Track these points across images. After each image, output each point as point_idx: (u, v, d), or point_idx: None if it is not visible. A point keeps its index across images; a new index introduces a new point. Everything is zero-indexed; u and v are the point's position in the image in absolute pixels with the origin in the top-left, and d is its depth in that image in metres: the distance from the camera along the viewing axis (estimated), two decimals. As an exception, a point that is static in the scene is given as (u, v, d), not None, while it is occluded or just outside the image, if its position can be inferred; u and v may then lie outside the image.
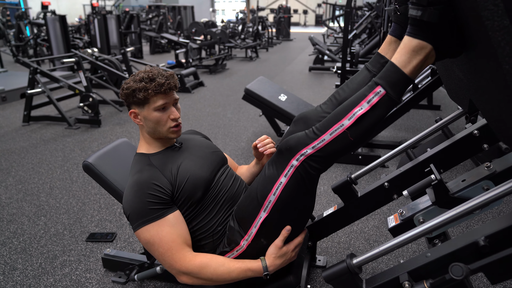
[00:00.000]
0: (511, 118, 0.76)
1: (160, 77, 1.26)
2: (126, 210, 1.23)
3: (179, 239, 1.20)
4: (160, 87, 1.24)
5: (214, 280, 1.21)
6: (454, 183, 1.24)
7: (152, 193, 1.21)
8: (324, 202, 2.50)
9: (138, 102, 1.29)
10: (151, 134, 1.35)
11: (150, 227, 1.18)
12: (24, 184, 2.80)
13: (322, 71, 7.85)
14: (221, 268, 1.20)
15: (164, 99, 1.28)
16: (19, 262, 1.90)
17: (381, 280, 1.06)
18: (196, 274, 1.19)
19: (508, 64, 0.68)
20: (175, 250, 1.18)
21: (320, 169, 1.14)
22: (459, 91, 1.31)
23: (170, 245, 1.18)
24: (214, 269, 1.19)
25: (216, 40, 8.99)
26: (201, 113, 4.78)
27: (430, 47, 0.94)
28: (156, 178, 1.25)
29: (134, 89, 1.26)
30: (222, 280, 1.21)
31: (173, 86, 1.28)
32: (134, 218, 1.20)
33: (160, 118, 1.29)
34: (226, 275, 1.20)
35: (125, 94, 1.29)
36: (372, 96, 1.03)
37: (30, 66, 4.22)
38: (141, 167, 1.30)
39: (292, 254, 1.28)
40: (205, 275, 1.19)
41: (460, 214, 0.97)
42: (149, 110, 1.28)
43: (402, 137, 3.69)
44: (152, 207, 1.19)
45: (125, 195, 1.26)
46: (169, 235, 1.19)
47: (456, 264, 0.87)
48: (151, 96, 1.26)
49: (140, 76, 1.28)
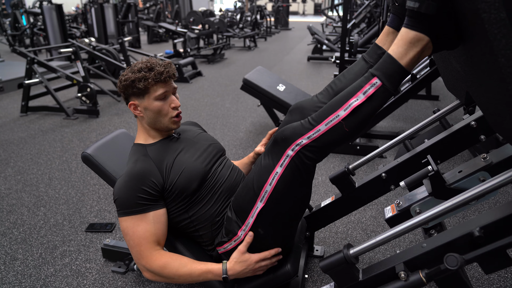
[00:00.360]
0: (506, 111, 0.76)
1: (158, 66, 1.28)
2: (114, 195, 1.26)
3: (151, 238, 1.22)
4: (160, 76, 1.26)
5: (176, 280, 1.23)
6: (451, 174, 1.25)
7: (143, 187, 1.22)
8: (322, 192, 2.52)
9: (137, 93, 1.29)
10: (152, 124, 1.35)
11: (129, 218, 1.21)
12: (23, 175, 2.81)
13: (320, 60, 7.82)
14: (183, 269, 1.22)
15: (164, 88, 1.29)
16: (20, 252, 1.92)
17: (378, 270, 1.07)
18: (158, 272, 1.22)
19: (504, 57, 0.68)
20: (144, 247, 1.21)
21: (315, 159, 1.14)
22: (456, 82, 1.32)
23: (141, 241, 1.21)
24: (176, 270, 1.21)
25: (214, 29, 8.92)
26: (199, 103, 4.77)
27: (427, 39, 0.94)
28: (148, 171, 1.26)
29: (134, 79, 1.26)
30: (183, 280, 1.23)
31: (171, 74, 1.30)
32: (119, 206, 1.24)
33: (161, 107, 1.30)
34: (187, 276, 1.22)
35: (123, 85, 1.30)
36: (368, 87, 1.03)
37: (27, 56, 4.19)
38: (137, 157, 1.31)
39: (255, 265, 1.26)
40: (167, 275, 1.22)
41: (456, 205, 0.98)
42: (149, 100, 1.29)
43: (400, 127, 3.70)
44: (137, 201, 1.21)
45: (118, 181, 1.28)
46: (143, 232, 1.21)
47: (451, 254, 0.88)
48: (151, 85, 1.27)
49: (138, 67, 1.28)
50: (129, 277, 1.74)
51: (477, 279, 1.66)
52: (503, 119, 0.82)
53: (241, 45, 10.51)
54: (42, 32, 8.68)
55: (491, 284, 1.64)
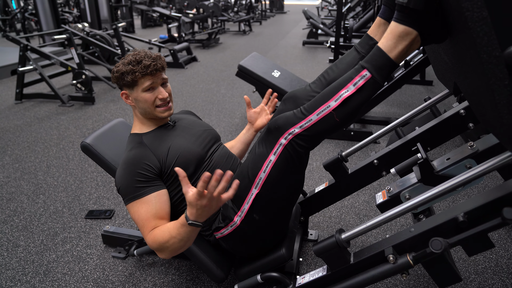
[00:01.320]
0: (488, 103, 0.80)
1: (146, 59, 1.32)
2: (116, 186, 1.32)
3: (152, 219, 1.25)
4: (146, 69, 1.30)
5: (171, 248, 1.19)
6: (439, 161, 1.29)
7: (139, 171, 1.27)
8: (316, 177, 2.57)
9: (127, 84, 1.35)
10: (143, 114, 1.41)
11: (133, 204, 1.26)
12: (21, 163, 2.83)
13: (316, 45, 7.79)
14: (166, 234, 1.18)
15: (151, 80, 1.33)
16: (21, 239, 1.96)
17: (368, 253, 1.12)
18: (155, 247, 1.22)
19: (486, 53, 0.71)
20: (146, 228, 1.24)
21: (308, 147, 1.19)
22: (445, 73, 1.35)
23: (144, 223, 1.25)
24: (162, 238, 1.19)
25: (209, 13, 8.82)
26: (194, 89, 4.77)
27: (415, 33, 0.97)
28: (144, 156, 1.31)
29: (123, 72, 1.32)
30: (174, 244, 1.18)
31: (159, 67, 1.34)
32: (122, 194, 1.29)
33: (149, 98, 1.35)
34: (172, 238, 1.17)
35: (115, 77, 1.36)
36: (358, 79, 1.07)
37: (20, 43, 4.16)
38: (132, 146, 1.37)
39: (201, 202, 1.06)
40: (160, 245, 1.20)
41: (444, 191, 1.04)
42: (138, 91, 1.35)
43: (394, 112, 3.74)
44: (137, 185, 1.26)
45: (117, 171, 1.34)
46: (144, 214, 1.25)
47: (436, 238, 0.94)
48: (139, 78, 1.32)
49: (128, 59, 1.33)
50: (129, 262, 1.80)
51: (464, 260, 1.74)
52: (486, 110, 0.86)
53: (236, 29, 10.42)
54: (33, 17, 8.54)
55: (476, 264, 1.71)
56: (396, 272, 1.06)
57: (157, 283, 1.67)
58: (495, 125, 0.85)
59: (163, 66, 1.36)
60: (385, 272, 1.07)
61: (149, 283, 1.67)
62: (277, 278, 1.36)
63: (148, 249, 1.72)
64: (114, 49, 5.36)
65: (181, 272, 1.73)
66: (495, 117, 0.80)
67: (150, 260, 1.81)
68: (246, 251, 1.43)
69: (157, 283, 1.67)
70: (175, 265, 1.78)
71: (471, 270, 1.68)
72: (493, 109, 0.79)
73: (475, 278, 1.64)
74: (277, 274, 1.36)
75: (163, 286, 1.65)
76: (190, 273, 1.73)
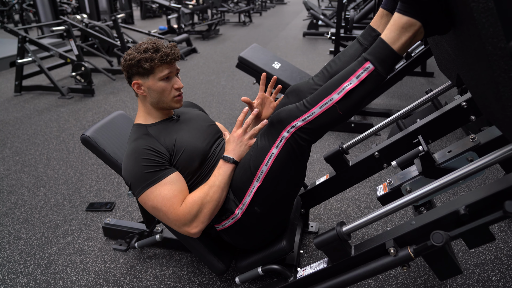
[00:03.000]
0: (492, 96, 0.79)
1: (165, 48, 1.31)
2: (127, 179, 1.28)
3: (181, 195, 1.24)
4: (166, 57, 1.29)
5: (212, 200, 1.25)
6: (441, 154, 1.29)
7: (149, 157, 1.25)
8: (317, 169, 2.57)
9: (142, 73, 1.32)
10: (155, 104, 1.38)
11: (152, 189, 1.23)
12: (21, 156, 2.83)
13: (316, 36, 7.74)
14: (204, 187, 1.25)
15: (169, 69, 1.32)
16: (23, 232, 1.97)
17: (369, 246, 1.13)
18: (193, 212, 1.22)
19: (491, 45, 0.71)
20: (176, 204, 1.22)
21: (310, 140, 1.18)
22: (448, 64, 1.34)
23: (172, 201, 1.22)
24: (198, 195, 1.24)
25: (209, 4, 8.75)
26: (194, 80, 4.75)
27: (419, 24, 0.96)
28: (153, 144, 1.30)
29: (139, 59, 1.28)
30: (215, 193, 1.26)
31: (177, 56, 1.34)
32: (136, 185, 1.25)
33: (165, 88, 1.33)
34: (211, 188, 1.25)
35: (128, 65, 1.32)
36: (361, 72, 1.05)
37: (18, 34, 4.13)
38: (138, 136, 1.35)
39: (243, 138, 1.32)
40: (203, 202, 1.23)
41: (445, 184, 1.03)
42: (154, 80, 1.32)
43: (395, 104, 3.73)
44: (150, 171, 1.23)
45: (124, 164, 1.31)
46: (171, 192, 1.23)
47: (437, 231, 0.94)
48: (157, 66, 1.30)
49: (144, 47, 1.30)
50: (131, 254, 1.80)
51: (463, 252, 1.74)
52: (490, 102, 0.85)
53: (236, 20, 10.34)
54: (31, 8, 8.47)
55: (476, 256, 1.72)
56: (397, 265, 1.06)
57: (158, 275, 1.67)
58: (498, 118, 0.84)
59: (179, 55, 1.36)
60: (386, 264, 1.08)
61: (150, 275, 1.67)
62: (278, 270, 1.36)
63: (149, 241, 1.73)
64: (114, 40, 5.32)
65: (182, 264, 1.74)
66: (499, 109, 0.79)
67: (151, 253, 1.82)
68: (247, 244, 1.43)
69: (158, 275, 1.67)
70: (176, 257, 1.78)
71: (470, 262, 1.69)
72: (497, 102, 0.78)
73: (475, 269, 1.64)
74: (278, 267, 1.37)
75: (164, 278, 1.66)
76: (191, 265, 1.73)
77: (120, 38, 5.16)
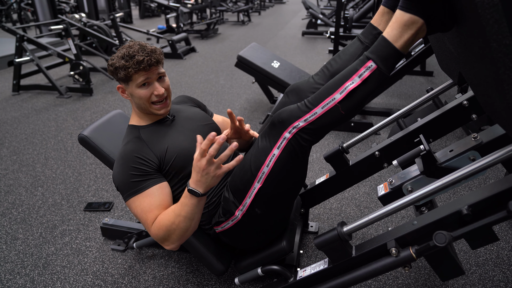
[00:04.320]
0: (496, 94, 0.78)
1: (140, 54, 1.23)
2: (115, 182, 1.29)
3: (156, 210, 1.22)
4: (139, 65, 1.23)
5: (177, 230, 1.18)
6: (442, 153, 1.27)
7: (136, 166, 1.24)
8: (316, 169, 2.55)
9: (122, 79, 1.29)
10: (139, 110, 1.36)
11: (133, 200, 1.23)
12: (19, 155, 2.81)
13: (315, 35, 7.72)
14: (170, 215, 1.17)
15: (146, 75, 1.26)
16: (20, 232, 1.95)
17: (370, 246, 1.11)
18: (160, 235, 1.19)
19: (496, 42, 0.69)
20: (150, 220, 1.21)
21: (312, 141, 1.17)
22: (449, 62, 1.33)
23: (147, 215, 1.21)
24: (166, 219, 1.18)
25: (208, 3, 8.73)
26: (193, 80, 4.73)
27: (421, 21, 0.95)
28: (141, 151, 1.27)
29: (116, 67, 1.26)
30: (180, 224, 1.16)
31: (154, 62, 1.25)
32: (122, 190, 1.26)
33: (144, 95, 1.28)
34: (175, 216, 1.16)
35: (110, 71, 1.30)
36: (363, 71, 1.04)
37: (16, 33, 4.10)
38: (129, 139, 1.33)
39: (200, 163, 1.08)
40: (165, 231, 1.18)
41: (447, 184, 1.02)
42: (132, 87, 1.29)
43: (395, 103, 3.72)
44: (136, 180, 1.23)
45: (114, 167, 1.31)
46: (148, 206, 1.22)
47: (439, 232, 0.92)
48: (132, 74, 1.25)
49: (122, 53, 1.26)
50: (129, 254, 1.79)
51: (465, 252, 1.73)
52: (493, 101, 0.84)
53: (235, 19, 10.32)
54: (29, 7, 8.44)
55: (478, 256, 1.71)
56: (399, 265, 1.05)
57: (156, 275, 1.66)
58: (502, 116, 0.83)
59: (158, 60, 1.27)
60: (387, 265, 1.06)
61: (149, 275, 1.66)
62: (278, 271, 1.35)
63: (148, 241, 1.71)
64: (112, 39, 5.30)
65: (181, 265, 1.72)
66: (504, 107, 0.77)
67: (149, 253, 1.80)
68: (247, 244, 1.42)
69: (157, 275, 1.66)
70: (175, 257, 1.77)
71: (472, 262, 1.68)
72: (501, 100, 0.77)
73: (476, 269, 1.63)
74: (278, 267, 1.35)
75: (163, 278, 1.64)
76: (190, 266, 1.72)
77: (119, 37, 5.14)
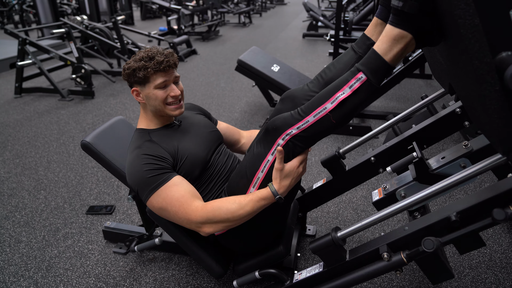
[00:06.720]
0: (480, 107, 0.82)
1: (159, 55, 1.30)
2: (133, 185, 1.29)
3: (188, 194, 1.25)
4: (159, 65, 1.29)
5: (232, 219, 1.21)
6: (435, 160, 1.31)
7: (152, 162, 1.26)
8: (314, 173, 2.59)
9: (139, 81, 1.33)
10: (153, 112, 1.40)
11: (159, 192, 1.24)
12: (21, 158, 2.85)
13: (316, 38, 7.75)
14: (233, 205, 1.21)
15: (164, 77, 1.32)
16: (23, 235, 1.99)
17: (363, 251, 1.15)
18: (212, 219, 1.22)
19: (478, 60, 0.73)
20: (187, 204, 1.23)
21: (304, 147, 1.21)
22: (440, 73, 1.36)
23: (181, 201, 1.23)
24: (226, 209, 1.21)
25: (209, 5, 8.78)
26: (194, 82, 4.77)
27: (410, 36, 0.98)
28: (155, 151, 1.31)
29: (134, 68, 1.30)
30: (238, 217, 1.21)
31: (172, 63, 1.32)
32: (142, 190, 1.26)
33: (161, 96, 1.33)
34: (241, 210, 1.20)
35: (126, 74, 1.34)
36: (354, 82, 1.08)
37: (18, 36, 4.15)
38: (141, 143, 1.35)
39: (299, 169, 1.22)
40: (220, 217, 1.21)
41: (438, 191, 1.06)
42: (150, 88, 1.33)
43: (393, 107, 3.75)
44: (154, 175, 1.24)
45: (128, 171, 1.32)
46: (178, 193, 1.24)
47: (428, 238, 0.96)
48: (151, 74, 1.30)
49: (140, 56, 1.32)
50: (130, 257, 1.83)
51: (458, 255, 1.76)
52: (478, 113, 0.88)
53: (236, 21, 10.36)
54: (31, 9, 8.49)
55: (470, 259, 1.74)
56: (390, 269, 1.09)
57: (157, 278, 1.70)
58: (486, 128, 0.87)
59: (175, 63, 1.35)
60: (379, 269, 1.10)
61: (150, 278, 1.70)
62: (274, 274, 1.39)
63: (149, 244, 1.75)
64: (113, 42, 5.34)
65: (181, 267, 1.76)
66: (487, 121, 0.81)
67: (150, 256, 1.84)
68: (245, 248, 1.46)
69: (158, 278, 1.70)
70: (175, 260, 1.81)
71: (465, 264, 1.71)
72: (484, 113, 0.81)
73: (469, 272, 1.67)
74: (275, 271, 1.39)
75: (164, 281, 1.68)
76: (190, 268, 1.76)
77: (120, 40, 5.19)
